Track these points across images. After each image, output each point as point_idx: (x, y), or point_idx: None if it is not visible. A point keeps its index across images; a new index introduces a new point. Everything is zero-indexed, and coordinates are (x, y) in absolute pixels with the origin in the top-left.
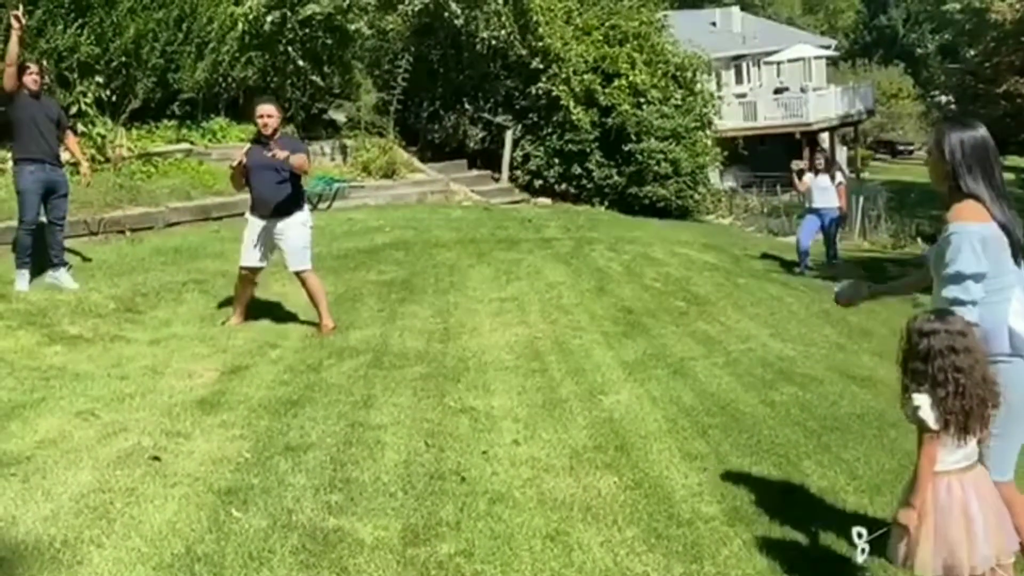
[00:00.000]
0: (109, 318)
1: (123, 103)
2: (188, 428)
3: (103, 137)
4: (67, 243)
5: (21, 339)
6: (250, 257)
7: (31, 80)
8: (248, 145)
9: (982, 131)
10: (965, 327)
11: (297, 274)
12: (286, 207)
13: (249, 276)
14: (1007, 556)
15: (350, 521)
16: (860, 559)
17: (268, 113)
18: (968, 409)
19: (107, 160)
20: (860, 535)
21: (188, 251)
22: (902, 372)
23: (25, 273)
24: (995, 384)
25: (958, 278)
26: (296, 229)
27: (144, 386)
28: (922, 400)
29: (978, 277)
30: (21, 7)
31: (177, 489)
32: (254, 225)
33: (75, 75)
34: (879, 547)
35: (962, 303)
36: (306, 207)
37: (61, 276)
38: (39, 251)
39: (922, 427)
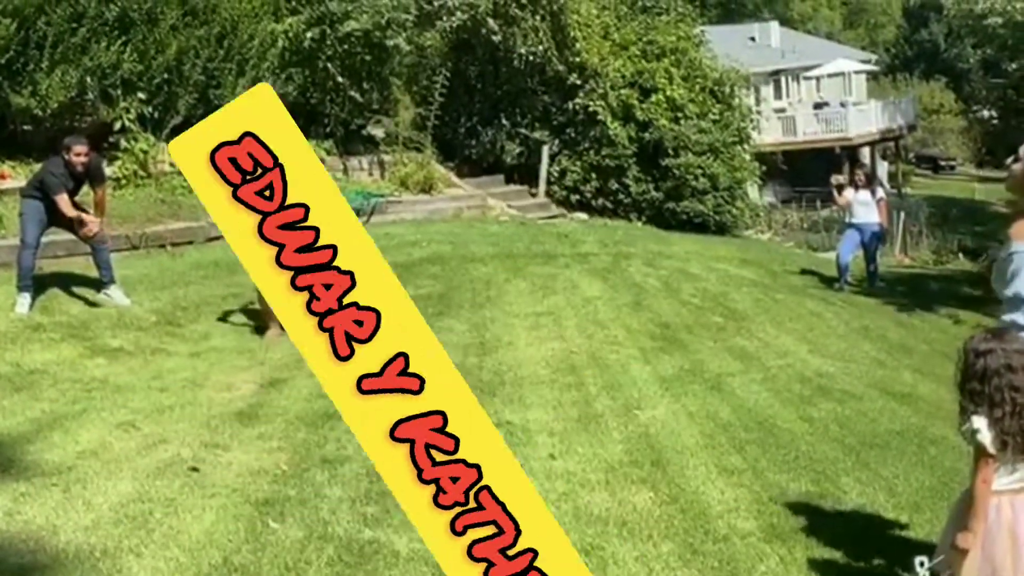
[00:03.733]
0: (150, 331)
1: (165, 119)
2: (226, 440)
3: (145, 153)
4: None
5: (64, 351)
6: None
7: (78, 161)
8: None
9: None
10: (1022, 344)
11: None
12: None
13: None
14: None
15: (386, 533)
16: None
17: None
18: None
19: (149, 175)
20: (922, 564)
21: (228, 265)
22: (959, 393)
23: (26, 296)
24: None
25: (1017, 301)
26: None
27: (184, 398)
28: (980, 423)
29: None
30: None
31: (215, 500)
32: None
33: (118, 91)
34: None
35: (1022, 327)
36: None
37: (113, 293)
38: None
39: (980, 451)
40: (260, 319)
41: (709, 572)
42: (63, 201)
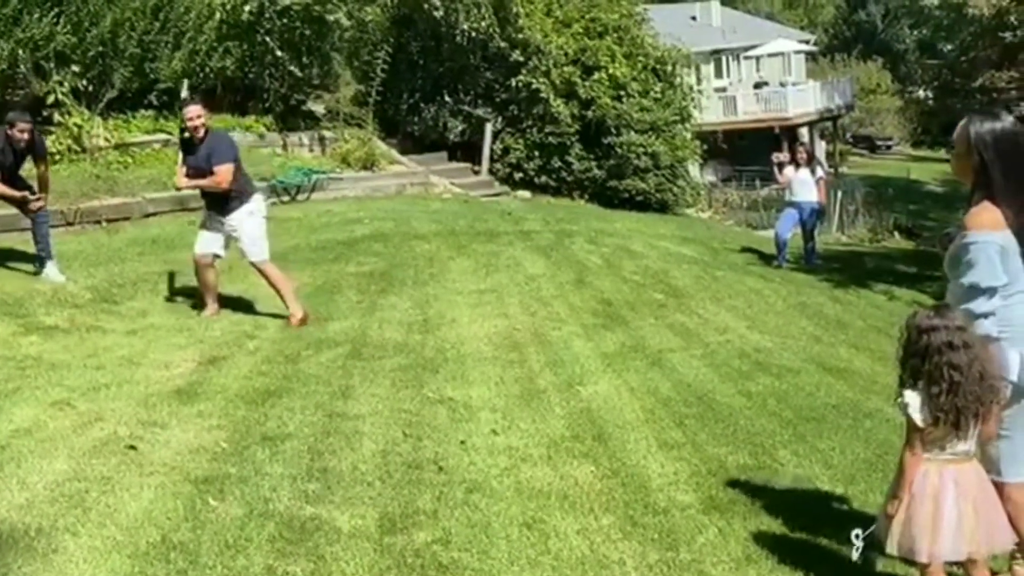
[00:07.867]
0: (85, 308)
1: (100, 93)
2: (165, 418)
3: (80, 127)
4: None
5: None
6: (201, 245)
7: (20, 137)
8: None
9: (1010, 121)
10: (965, 322)
11: (254, 266)
12: (226, 204)
13: (203, 263)
14: (985, 553)
15: (327, 510)
16: (856, 556)
17: (191, 116)
18: (960, 407)
19: (84, 150)
20: (857, 535)
21: (165, 242)
22: (900, 368)
23: None
24: (995, 382)
25: (975, 292)
26: (245, 221)
27: (120, 376)
28: (911, 397)
29: (995, 291)
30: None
31: (153, 478)
32: (206, 217)
33: (51, 64)
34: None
35: (980, 315)
36: (254, 198)
37: (48, 269)
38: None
39: (910, 423)
40: (198, 297)
41: (649, 544)
42: None
